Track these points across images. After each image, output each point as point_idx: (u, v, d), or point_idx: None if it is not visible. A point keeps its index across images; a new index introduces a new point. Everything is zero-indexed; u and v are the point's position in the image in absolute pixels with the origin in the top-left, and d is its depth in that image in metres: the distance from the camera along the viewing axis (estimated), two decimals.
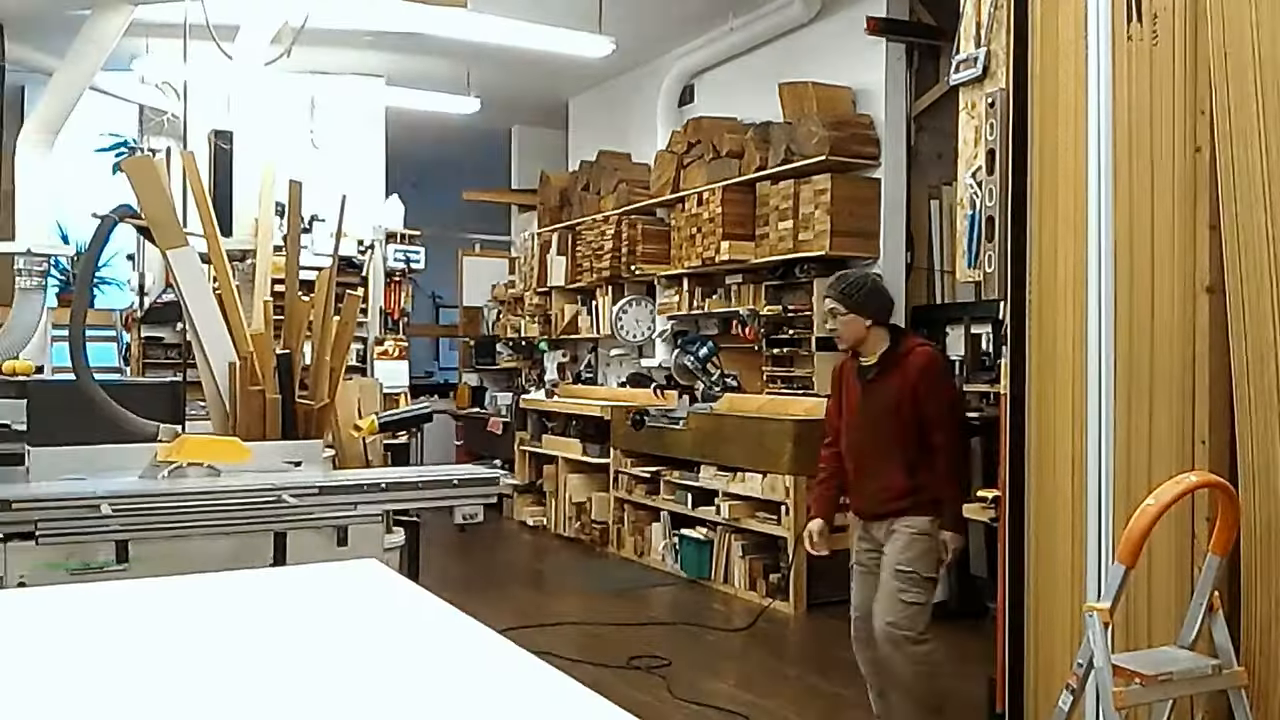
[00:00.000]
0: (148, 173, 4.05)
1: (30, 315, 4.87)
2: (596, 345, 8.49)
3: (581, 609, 5.68)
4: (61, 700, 1.32)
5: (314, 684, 1.40)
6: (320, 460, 3.84)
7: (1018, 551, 3.13)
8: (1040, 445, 3.06)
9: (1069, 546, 2.93)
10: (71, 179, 6.39)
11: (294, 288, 4.54)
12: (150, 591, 1.99)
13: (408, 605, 1.87)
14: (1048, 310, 3.03)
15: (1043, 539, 3.05)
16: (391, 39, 6.95)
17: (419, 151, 9.00)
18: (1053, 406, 3.01)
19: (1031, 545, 3.09)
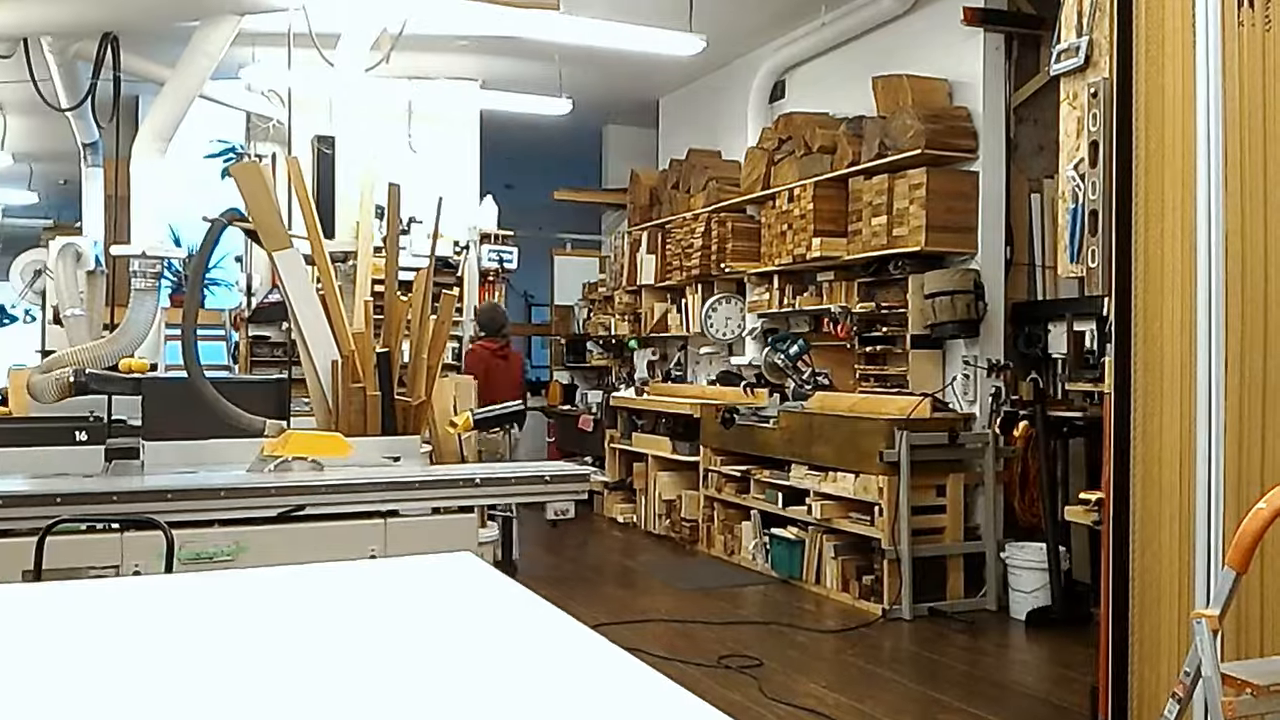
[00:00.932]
0: (255, 178, 4.20)
1: (145, 315, 5.09)
2: (686, 343, 8.49)
3: (671, 606, 5.70)
4: (167, 684, 1.38)
5: (409, 674, 1.44)
6: (418, 455, 3.94)
7: (1122, 556, 3.03)
8: (1146, 446, 2.96)
9: (1176, 551, 2.83)
10: (183, 184, 6.66)
11: (393, 288, 4.66)
12: (257, 581, 2.07)
13: (502, 598, 1.90)
14: (1154, 306, 2.93)
15: (1148, 543, 2.95)
16: (486, 43, 7.06)
17: (512, 153, 9.13)
18: (1159, 406, 2.91)
19: (1136, 550, 2.99)
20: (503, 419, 4.86)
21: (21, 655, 1.50)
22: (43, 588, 2.26)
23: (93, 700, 1.31)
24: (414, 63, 7.31)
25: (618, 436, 8.45)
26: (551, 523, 6.77)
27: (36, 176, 10.25)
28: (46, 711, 1.28)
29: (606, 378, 9.46)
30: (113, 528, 2.97)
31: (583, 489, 3.64)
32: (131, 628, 1.74)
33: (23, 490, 3.09)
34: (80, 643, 1.67)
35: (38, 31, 5.64)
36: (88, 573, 2.80)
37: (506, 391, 6.21)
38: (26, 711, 1.28)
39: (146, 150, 5.30)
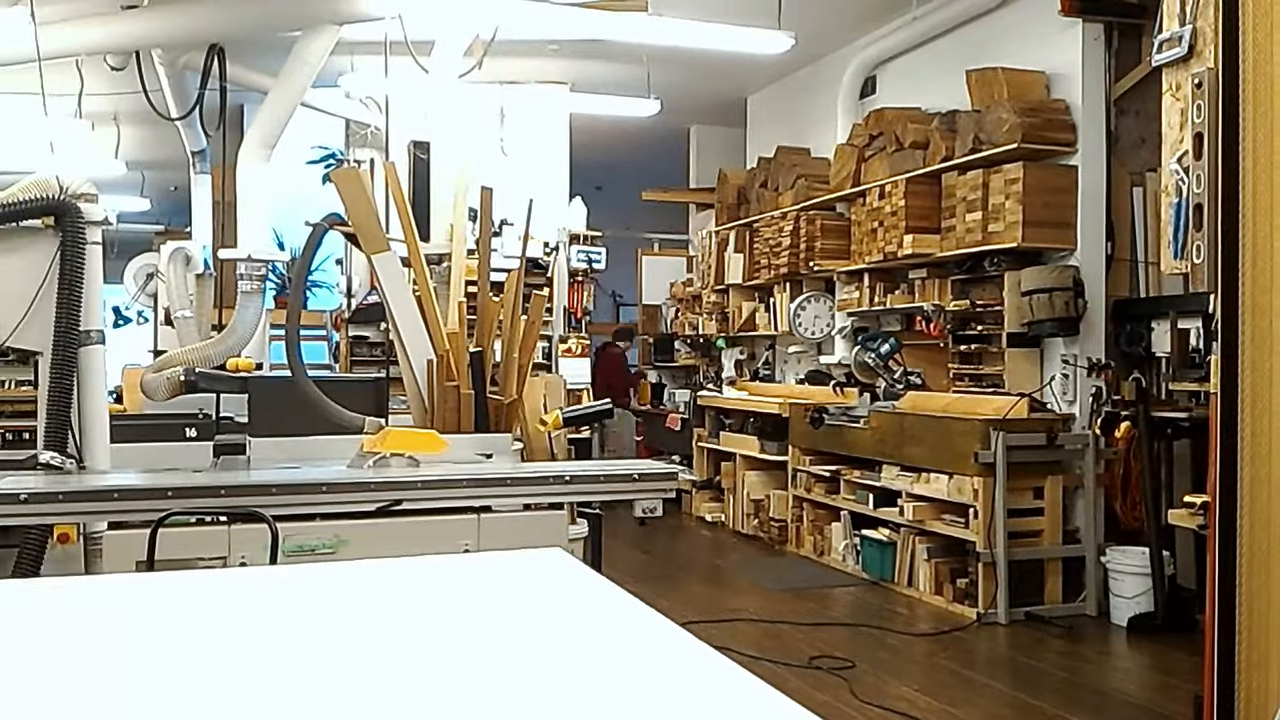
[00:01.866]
0: (354, 183, 4.33)
1: (251, 316, 5.29)
2: (774, 342, 8.45)
3: (760, 606, 5.68)
4: (270, 673, 1.45)
5: (499, 667, 1.48)
6: (510, 453, 4.01)
7: (1229, 561, 2.92)
8: (1254, 447, 2.85)
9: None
10: (285, 190, 6.90)
11: (485, 289, 4.75)
12: (355, 573, 2.14)
13: (591, 594, 1.93)
14: (1262, 303, 2.82)
15: (1256, 547, 2.83)
16: (575, 46, 7.14)
17: (601, 154, 9.21)
18: (1268, 406, 2.80)
19: (1244, 554, 2.88)
20: (591, 417, 4.91)
21: (134, 642, 1.59)
22: (154, 577, 2.38)
23: (200, 686, 1.38)
24: (505, 68, 7.43)
25: (705, 435, 8.45)
26: (640, 520, 6.81)
27: (148, 184, 10.71)
28: (158, 696, 1.36)
29: (694, 376, 9.47)
30: (221, 521, 3.10)
31: (670, 487, 3.65)
32: (237, 617, 1.83)
33: (136, 484, 3.25)
34: (189, 631, 1.76)
35: (149, 44, 5.90)
36: (197, 564, 2.93)
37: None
38: (140, 696, 1.35)
39: (251, 157, 5.51)
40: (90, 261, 3.74)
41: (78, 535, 3.46)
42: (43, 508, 3.08)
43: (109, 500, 3.14)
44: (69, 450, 3.59)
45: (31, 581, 3.10)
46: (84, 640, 1.48)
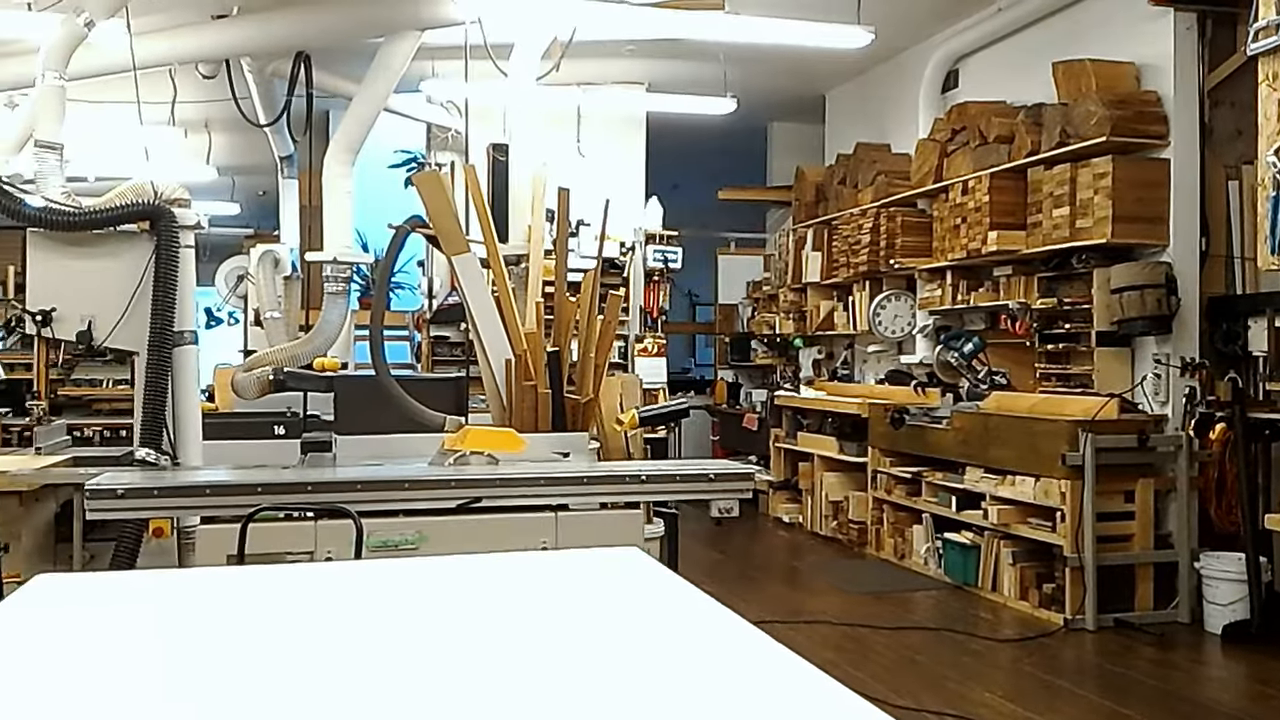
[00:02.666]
0: (435, 186, 4.41)
1: (336, 317, 5.41)
2: (853, 341, 8.35)
3: (839, 609, 5.62)
4: (353, 665, 1.48)
5: (575, 664, 1.49)
6: (586, 451, 4.04)
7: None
8: None
9: None
10: (369, 193, 7.04)
11: (562, 289, 4.79)
12: (437, 569, 2.18)
13: (667, 593, 1.93)
14: None
15: None
16: (651, 46, 7.15)
17: (677, 153, 9.21)
18: None
19: None
20: (667, 417, 4.91)
21: (224, 633, 1.64)
22: (244, 571, 2.45)
23: (286, 677, 1.41)
24: (583, 69, 7.48)
25: (783, 435, 8.39)
26: (716, 521, 6.79)
27: (238, 188, 11.04)
28: (246, 685, 1.40)
29: (771, 376, 9.41)
30: (308, 516, 3.18)
31: (747, 488, 3.64)
32: (323, 611, 1.87)
33: (227, 480, 3.35)
34: (276, 623, 1.80)
35: (238, 53, 6.08)
36: (285, 558, 3.01)
37: None
38: (228, 684, 1.40)
39: (337, 162, 5.64)
40: (184, 264, 3.87)
41: (172, 529, 3.58)
42: (138, 502, 3.19)
43: (201, 496, 3.24)
44: (164, 447, 3.72)
45: (127, 574, 3.23)
46: (177, 630, 1.53)
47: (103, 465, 3.52)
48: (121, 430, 4.69)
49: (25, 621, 1.70)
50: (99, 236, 3.82)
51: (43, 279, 3.80)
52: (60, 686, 1.38)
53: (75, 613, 1.82)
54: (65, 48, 4.30)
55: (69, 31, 4.31)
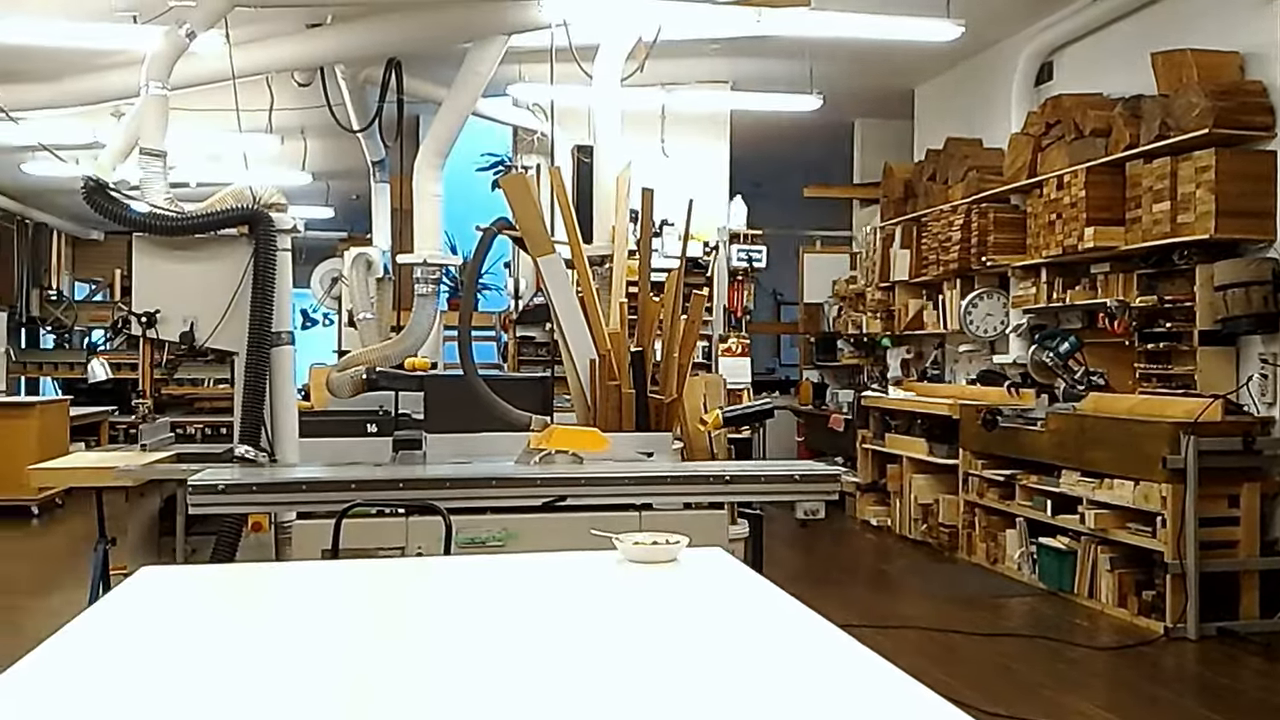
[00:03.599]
0: (521, 189, 4.46)
1: (426, 318, 5.51)
2: (943, 341, 8.18)
3: (928, 614, 5.51)
4: (443, 656, 1.50)
5: (658, 661, 1.49)
6: (670, 451, 4.04)
7: None
8: None
9: None
10: (457, 196, 7.16)
11: (646, 289, 4.80)
12: (523, 566, 2.20)
13: (751, 594, 1.92)
14: None
15: None
16: (736, 44, 7.12)
17: (761, 152, 9.15)
18: None
19: None
20: (752, 417, 4.88)
21: (317, 624, 1.68)
22: (339, 565, 2.51)
23: (374, 667, 1.44)
24: (666, 69, 7.48)
25: (870, 437, 8.27)
26: (801, 522, 6.73)
27: (332, 193, 11.34)
28: (336, 674, 1.43)
29: (858, 376, 9.29)
30: (399, 512, 3.25)
31: (833, 489, 3.60)
32: (414, 604, 1.91)
33: (322, 477, 3.44)
34: (368, 616, 1.85)
35: (332, 60, 6.24)
36: (377, 553, 3.08)
37: None
38: (320, 673, 1.43)
39: (426, 166, 5.75)
40: (281, 267, 3.99)
41: (269, 524, 3.69)
42: (238, 498, 3.30)
43: (298, 492, 3.34)
44: (262, 444, 3.84)
45: (227, 567, 3.34)
46: (273, 620, 1.57)
47: (204, 462, 3.65)
48: (222, 428, 4.85)
49: (132, 610, 1.78)
50: (201, 241, 3.96)
51: (148, 282, 3.96)
52: (164, 671, 1.44)
53: (178, 603, 1.89)
54: (168, 58, 4.46)
55: (172, 43, 4.48)
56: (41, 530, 7.72)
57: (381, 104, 6.28)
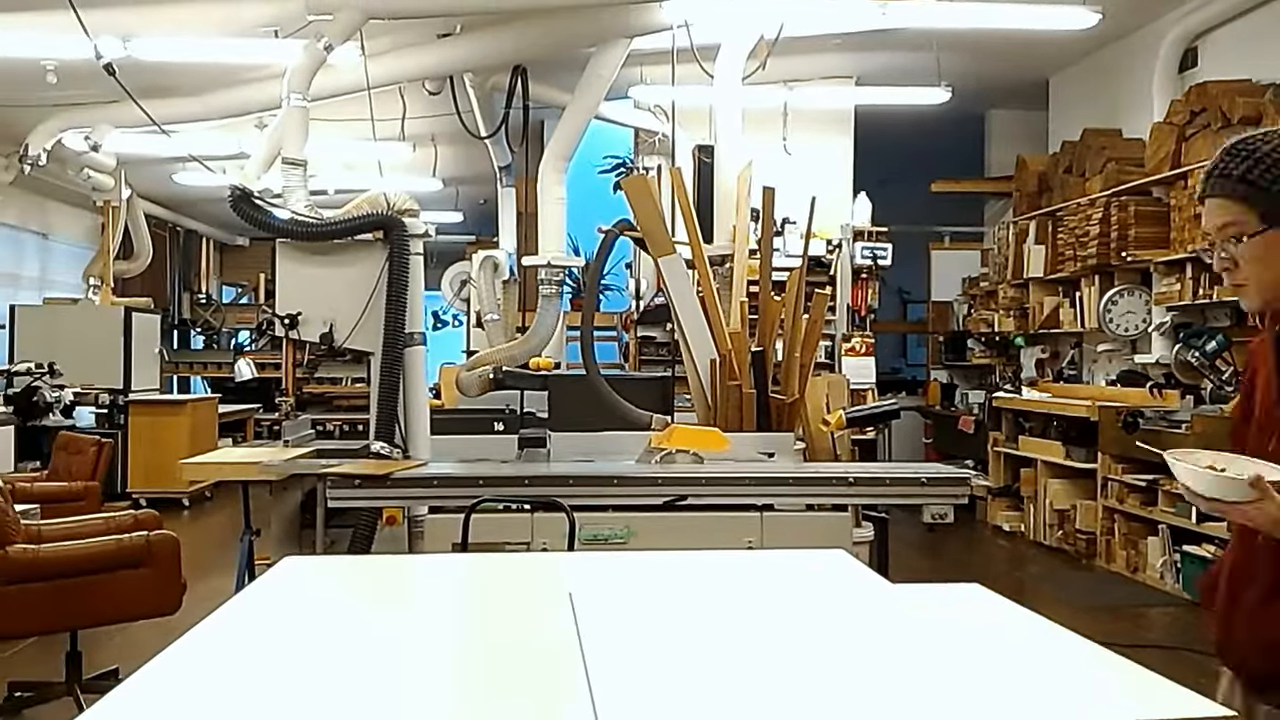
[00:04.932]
0: (642, 190, 4.50)
1: (550, 319, 5.61)
2: (1080, 340, 7.86)
3: (1065, 623, 5.29)
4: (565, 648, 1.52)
5: (779, 661, 1.48)
6: (791, 452, 4.01)
7: None
8: None
9: None
10: (580, 198, 7.26)
11: (767, 288, 4.78)
12: (645, 563, 2.22)
13: (875, 596, 1.89)
14: None
15: None
16: (860, 38, 7.00)
17: (887, 147, 8.97)
18: None
19: None
20: (876, 418, 4.80)
21: (447, 613, 1.73)
22: (468, 558, 2.57)
23: (500, 657, 1.48)
24: (789, 67, 7.42)
25: (1002, 439, 8.01)
26: (929, 526, 6.56)
27: (461, 198, 11.64)
28: (463, 662, 1.47)
29: (989, 377, 9.01)
30: (524, 508, 3.32)
31: (962, 493, 3.51)
32: (539, 598, 1.95)
33: (452, 473, 3.55)
34: (495, 607, 1.89)
35: (461, 69, 6.42)
36: (504, 548, 3.16)
37: None
38: (449, 660, 1.48)
39: (550, 170, 5.85)
40: (413, 270, 4.13)
41: (403, 518, 3.82)
42: (373, 491, 3.44)
43: (429, 487, 3.45)
44: (396, 441, 3.98)
45: (364, 558, 3.47)
46: (406, 609, 1.63)
47: (342, 457, 3.80)
48: (359, 425, 5.05)
49: (276, 598, 1.87)
50: (339, 245, 4.14)
51: (290, 285, 4.15)
52: (305, 656, 1.51)
53: (318, 592, 1.99)
54: (307, 71, 4.67)
55: (311, 56, 4.69)
56: (191, 521, 8.18)
57: (508, 110, 6.42)
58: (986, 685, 1.35)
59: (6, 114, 7.17)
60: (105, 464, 5.56)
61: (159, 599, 3.42)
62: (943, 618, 1.68)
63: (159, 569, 3.40)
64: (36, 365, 7.66)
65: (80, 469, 5.52)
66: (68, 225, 10.28)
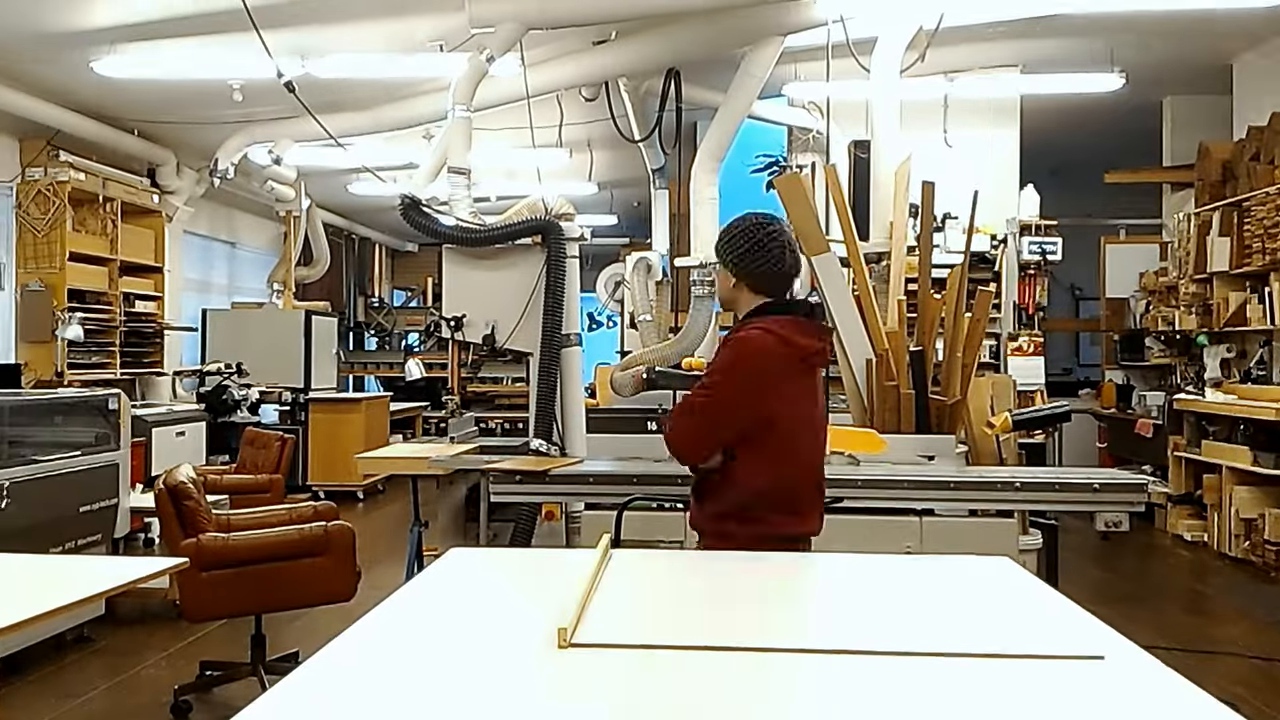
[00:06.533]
0: (795, 188, 4.46)
1: (702, 319, 5.64)
2: (1270, 338, 7.32)
3: (1250, 640, 4.96)
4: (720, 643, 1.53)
5: (937, 669, 1.45)
6: (953, 455, 3.90)
7: None
8: None
9: None
10: (732, 198, 7.26)
11: (926, 286, 4.66)
12: (798, 566, 2.21)
13: (1043, 607, 1.83)
14: None
15: None
16: (1025, 25, 6.73)
17: (1055, 137, 8.59)
18: None
19: None
20: (1044, 420, 4.61)
21: (601, 606, 1.77)
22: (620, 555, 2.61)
23: (655, 653, 1.50)
24: (949, 57, 7.20)
25: (1183, 444, 7.54)
26: (1102, 534, 6.26)
27: (615, 200, 11.82)
28: (618, 654, 1.50)
29: (1169, 377, 8.50)
30: (677, 507, 3.35)
31: (1138, 500, 3.34)
32: (691, 595, 1.97)
33: (607, 470, 3.62)
34: (647, 603, 1.92)
35: (617, 74, 6.52)
36: (658, 545, 3.20)
37: None
38: (602, 650, 1.51)
39: (702, 170, 5.89)
40: (570, 273, 4.23)
41: (561, 513, 3.93)
42: (532, 487, 3.54)
43: (585, 484, 3.53)
44: (554, 439, 4.08)
45: (524, 550, 3.58)
46: (562, 600, 1.68)
47: (503, 454, 3.93)
48: (519, 423, 5.21)
49: (443, 587, 1.96)
50: (500, 250, 4.28)
51: (455, 289, 4.32)
52: (470, 642, 1.58)
53: (483, 582, 2.07)
54: (471, 82, 4.85)
55: (474, 68, 4.87)
56: (365, 513, 8.61)
57: (661, 113, 6.48)
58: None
59: (198, 131, 7.73)
60: (288, 458, 5.92)
61: (336, 586, 3.61)
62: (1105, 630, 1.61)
63: (336, 558, 3.59)
64: (226, 365, 8.23)
65: (265, 463, 5.90)
66: (253, 234, 10.99)
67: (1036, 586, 1.98)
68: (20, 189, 7.04)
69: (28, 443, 4.18)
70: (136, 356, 7.96)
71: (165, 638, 4.62)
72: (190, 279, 9.57)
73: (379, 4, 5.65)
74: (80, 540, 4.42)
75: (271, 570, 3.53)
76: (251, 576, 3.51)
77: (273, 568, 3.53)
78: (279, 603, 3.67)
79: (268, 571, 3.53)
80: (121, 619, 4.81)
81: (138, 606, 4.96)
